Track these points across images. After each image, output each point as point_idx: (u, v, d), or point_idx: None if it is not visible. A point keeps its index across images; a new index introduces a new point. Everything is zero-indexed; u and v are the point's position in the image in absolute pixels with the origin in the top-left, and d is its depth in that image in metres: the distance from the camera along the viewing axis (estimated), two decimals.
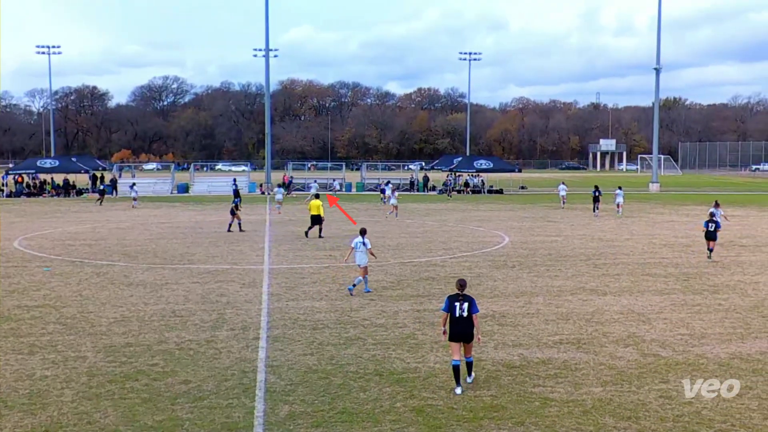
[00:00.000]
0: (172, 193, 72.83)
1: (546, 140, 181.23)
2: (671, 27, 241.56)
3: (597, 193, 47.48)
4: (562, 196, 54.12)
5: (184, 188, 74.03)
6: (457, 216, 45.92)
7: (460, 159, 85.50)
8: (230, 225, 36.14)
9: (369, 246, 20.46)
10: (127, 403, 11.71)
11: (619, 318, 17.69)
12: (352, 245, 20.63)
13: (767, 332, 16.36)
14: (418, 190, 75.81)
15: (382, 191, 59.46)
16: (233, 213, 36.43)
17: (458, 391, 12.31)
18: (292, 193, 67.86)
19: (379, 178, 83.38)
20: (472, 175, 76.27)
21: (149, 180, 69.99)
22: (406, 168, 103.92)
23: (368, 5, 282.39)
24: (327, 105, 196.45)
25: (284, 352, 14.60)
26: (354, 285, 20.56)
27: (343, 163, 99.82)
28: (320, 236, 33.29)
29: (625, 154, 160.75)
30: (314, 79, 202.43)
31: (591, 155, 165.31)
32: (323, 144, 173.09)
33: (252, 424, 10.94)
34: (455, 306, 12.46)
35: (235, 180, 67.80)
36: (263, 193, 72.60)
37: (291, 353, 14.54)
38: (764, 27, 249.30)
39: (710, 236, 27.34)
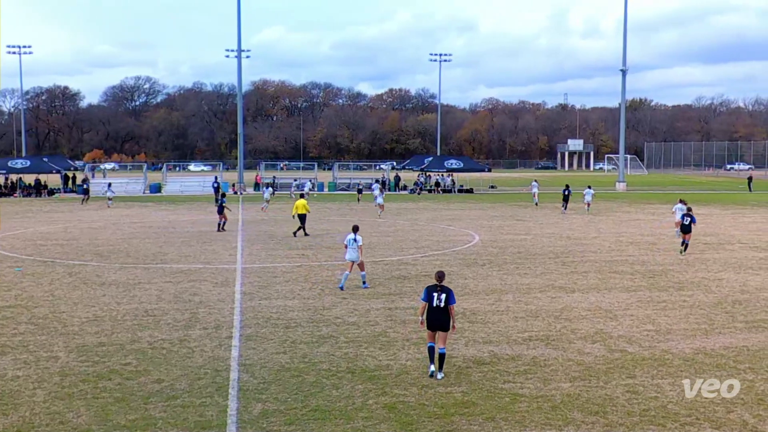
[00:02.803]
0: (144, 193, 72.32)
1: (515, 140, 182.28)
2: (637, 30, 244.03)
3: (567, 192, 48.19)
4: (534, 193, 55.42)
5: (156, 188, 73.57)
6: (428, 215, 46.16)
7: (430, 159, 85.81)
8: (219, 224, 36.14)
9: (360, 243, 20.91)
10: (99, 403, 11.73)
11: (587, 315, 17.98)
12: (345, 242, 21.11)
13: (730, 328, 16.73)
14: (389, 190, 75.99)
15: (359, 191, 61.35)
16: (221, 212, 36.30)
17: (432, 368, 13.01)
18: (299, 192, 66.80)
19: (350, 178, 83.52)
20: (442, 175, 76.59)
21: (122, 180, 69.48)
22: (377, 168, 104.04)
23: (340, 6, 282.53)
24: (299, 105, 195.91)
25: (257, 351, 14.68)
26: (341, 285, 20.94)
27: (315, 163, 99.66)
28: (305, 234, 33.61)
29: (592, 153, 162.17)
30: (286, 79, 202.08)
31: (559, 155, 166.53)
32: (295, 144, 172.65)
33: (225, 422, 11.00)
34: (433, 296, 13.04)
35: (216, 178, 67.61)
36: (236, 192, 72.33)
37: (264, 352, 14.63)
38: (727, 30, 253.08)
39: (685, 229, 28.08)
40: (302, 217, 33.84)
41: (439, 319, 13.00)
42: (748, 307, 18.93)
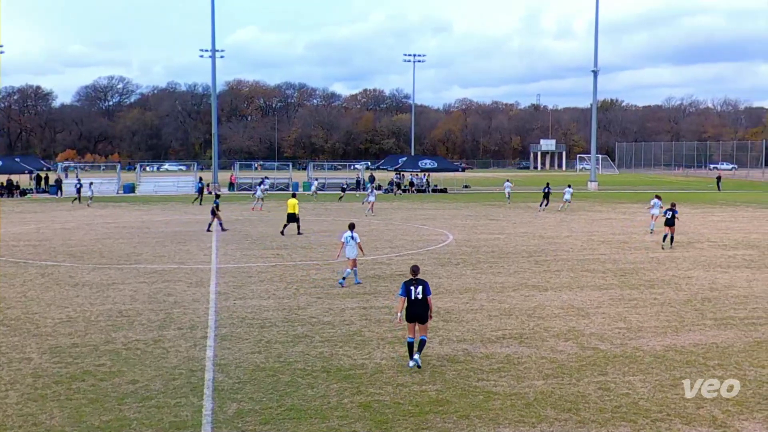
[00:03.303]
0: (118, 193, 71.73)
1: (489, 140, 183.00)
2: (608, 31, 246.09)
3: (547, 190, 49.02)
4: (507, 192, 56.78)
5: (130, 188, 73.01)
6: (402, 215, 46.26)
7: (405, 159, 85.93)
8: (210, 224, 35.96)
9: (358, 240, 21.52)
10: (73, 404, 11.68)
11: (560, 313, 18.16)
12: (342, 240, 21.62)
13: (700, 325, 16.99)
14: (364, 190, 75.91)
15: (342, 189, 63.56)
16: (214, 213, 36.15)
17: (411, 363, 13.47)
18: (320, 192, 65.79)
19: (325, 178, 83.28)
20: (417, 175, 76.70)
21: (95, 180, 68.67)
22: (352, 168, 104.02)
23: (314, 7, 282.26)
24: (273, 105, 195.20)
25: (232, 351, 14.68)
26: (344, 278, 21.55)
27: (290, 163, 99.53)
28: (299, 233, 33.99)
29: (564, 153, 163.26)
30: (260, 79, 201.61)
31: (532, 155, 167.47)
32: (270, 144, 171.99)
33: (200, 422, 11.00)
34: (411, 290, 13.60)
35: (201, 179, 67.22)
36: (210, 192, 71.89)
37: (239, 351, 14.64)
38: (696, 31, 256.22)
39: (669, 223, 29.63)
40: (290, 216, 34.20)
41: (418, 311, 13.54)
42: (717, 304, 19.22)
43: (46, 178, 73.69)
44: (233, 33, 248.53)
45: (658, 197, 36.32)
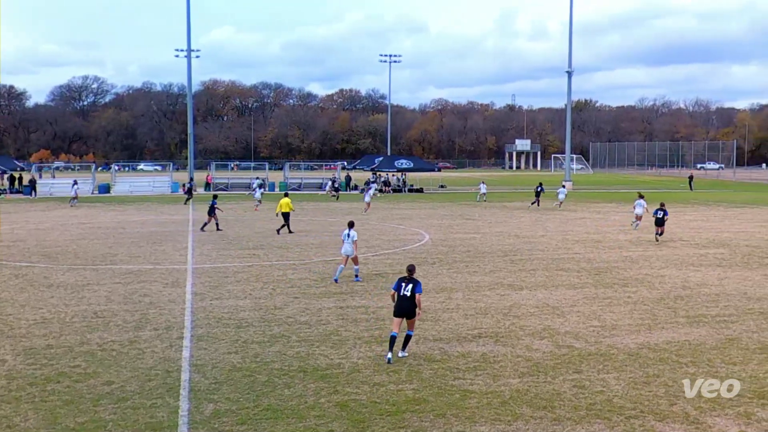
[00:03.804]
0: (93, 193, 71.08)
1: (464, 140, 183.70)
2: (582, 32, 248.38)
3: (540, 189, 50.92)
4: (482, 193, 58.05)
5: (105, 189, 72.40)
6: (378, 214, 46.28)
7: (381, 159, 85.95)
8: (206, 225, 35.87)
9: (355, 238, 21.92)
10: (48, 406, 11.59)
11: (535, 312, 18.29)
12: (341, 237, 22.23)
13: (673, 323, 17.18)
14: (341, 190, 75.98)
15: (336, 188, 64.83)
16: (211, 213, 35.95)
17: (389, 356, 13.97)
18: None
19: (301, 178, 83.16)
20: (395, 175, 76.73)
21: (68, 180, 68.09)
22: (328, 168, 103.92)
23: (290, 7, 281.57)
24: (249, 105, 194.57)
25: (208, 351, 14.64)
26: (336, 277, 22.08)
27: (266, 163, 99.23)
28: (290, 232, 34.40)
29: (539, 153, 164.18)
30: (236, 79, 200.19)
31: (507, 155, 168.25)
32: (246, 144, 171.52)
33: (176, 423, 10.96)
34: (401, 286, 14.26)
35: (191, 179, 66.93)
36: (186, 192, 71.46)
37: (215, 352, 14.60)
38: (668, 33, 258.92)
39: (659, 222, 31.60)
40: (286, 215, 34.60)
41: (404, 307, 14.14)
42: (690, 302, 19.45)
43: (20, 178, 72.94)
44: (209, 33, 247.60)
45: (641, 196, 37.16)
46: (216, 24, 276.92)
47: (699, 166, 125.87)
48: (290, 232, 34.53)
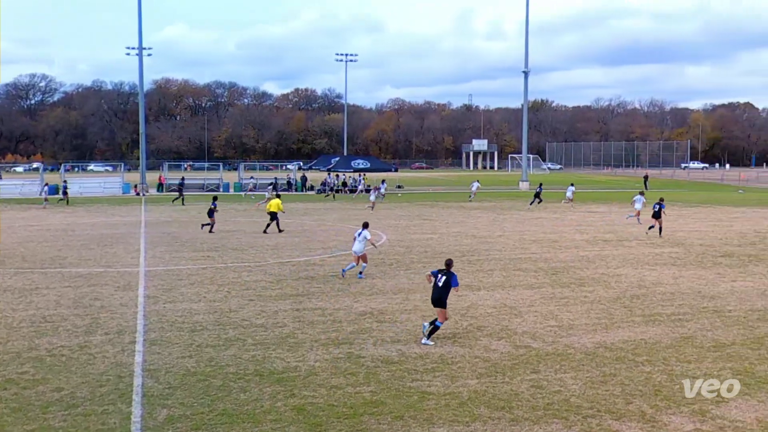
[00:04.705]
0: (41, 194, 69.51)
1: (421, 140, 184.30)
2: (539, 32, 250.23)
3: (539, 189, 53.40)
4: (473, 191, 61.55)
5: (53, 190, 70.91)
6: (335, 215, 46.13)
7: (337, 159, 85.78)
8: (211, 226, 35.54)
9: (369, 237, 22.97)
10: None
11: (493, 312, 18.30)
12: (355, 235, 23.07)
13: (629, 322, 17.32)
14: (296, 190, 75.59)
15: (332, 188, 66.71)
16: (211, 214, 35.47)
17: (424, 341, 15.17)
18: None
19: (256, 179, 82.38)
20: (359, 175, 76.40)
21: (16, 181, 66.68)
22: (284, 168, 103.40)
23: (244, 4, 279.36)
24: (203, 105, 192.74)
25: (162, 356, 14.37)
26: (344, 269, 23.17)
27: (221, 164, 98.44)
28: (279, 230, 35.05)
29: (496, 153, 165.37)
30: (190, 78, 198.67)
31: (464, 155, 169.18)
32: (200, 144, 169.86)
33: (129, 429, 10.74)
34: (438, 276, 15.53)
35: (183, 178, 66.12)
36: (138, 194, 70.58)
37: (169, 356, 14.33)
38: (624, 33, 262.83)
39: (656, 215, 33.56)
40: (273, 215, 35.10)
41: (436, 295, 15.39)
42: (645, 301, 19.63)
43: None
44: (161, 30, 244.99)
45: (641, 193, 40.40)
46: (169, 21, 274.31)
47: (684, 165, 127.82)
48: (279, 231, 35.05)
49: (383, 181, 63.69)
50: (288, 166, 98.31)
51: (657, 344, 15.34)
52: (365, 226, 23.31)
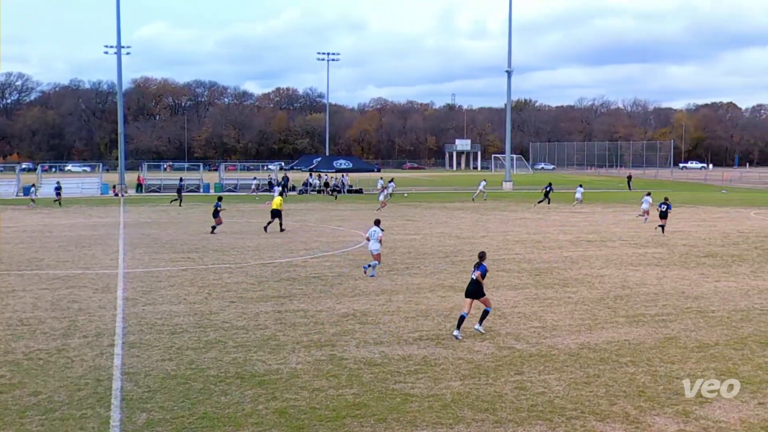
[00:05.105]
0: (17, 195, 68.98)
1: (404, 140, 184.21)
2: (522, 31, 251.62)
3: (548, 189, 54.04)
4: (481, 190, 62.41)
5: (28, 190, 70.12)
6: (317, 216, 45.96)
7: (319, 159, 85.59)
8: (214, 227, 35.35)
9: (380, 234, 23.51)
10: None
11: (476, 313, 18.12)
12: (368, 234, 23.64)
13: (612, 323, 17.29)
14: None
15: (336, 188, 66.52)
16: (216, 214, 35.23)
17: (455, 333, 15.77)
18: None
19: (237, 179, 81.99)
20: (333, 176, 76.28)
21: None
22: (265, 168, 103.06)
23: (225, 2, 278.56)
24: (183, 104, 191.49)
25: (141, 359, 14.17)
26: (369, 266, 23.46)
27: (201, 164, 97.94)
28: (281, 230, 35.68)
29: (479, 153, 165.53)
30: (169, 77, 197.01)
31: (447, 155, 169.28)
32: (179, 144, 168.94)
33: None
34: (472, 270, 16.10)
35: (181, 179, 65.68)
36: (116, 194, 70.02)
37: (148, 359, 14.14)
38: (607, 33, 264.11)
39: (663, 215, 34.74)
40: (275, 213, 35.85)
41: (471, 288, 16.01)
42: (629, 302, 19.62)
43: None
44: (140, 28, 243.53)
45: (648, 194, 42.13)
46: (148, 19, 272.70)
47: (681, 165, 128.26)
48: (281, 230, 35.60)
49: (391, 181, 63.41)
50: (269, 167, 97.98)
51: (641, 345, 15.32)
52: (377, 223, 24.11)
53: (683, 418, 11.29)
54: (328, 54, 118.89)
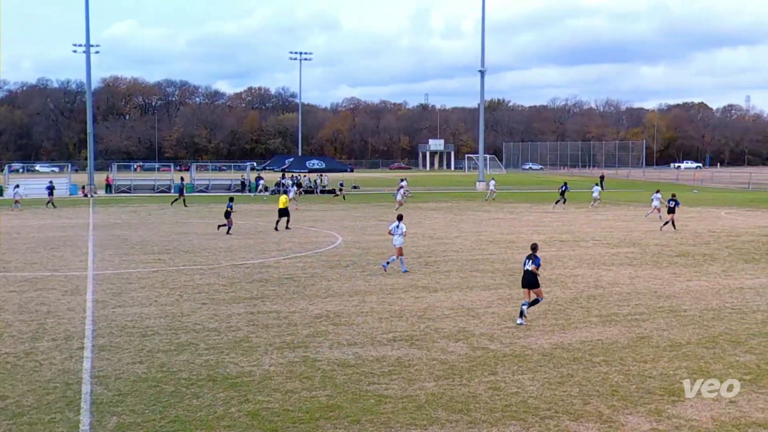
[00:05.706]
0: (13, 197, 67.79)
1: (377, 140, 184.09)
2: (496, 31, 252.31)
3: (564, 189, 52.77)
4: (491, 190, 62.77)
5: None
6: (291, 216, 45.60)
7: (292, 159, 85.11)
8: (229, 227, 35.19)
9: (404, 230, 24.06)
10: None
11: (450, 314, 18.18)
12: (390, 230, 24.28)
13: (586, 322, 17.34)
14: (250, 191, 74.81)
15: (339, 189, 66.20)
16: (228, 215, 35.08)
17: (519, 321, 16.93)
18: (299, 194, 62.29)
19: (209, 180, 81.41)
20: (306, 176, 75.88)
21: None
22: (237, 168, 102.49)
23: (196, 1, 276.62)
24: (153, 104, 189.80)
25: (111, 362, 13.97)
26: (387, 263, 24.17)
27: (171, 164, 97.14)
28: (287, 227, 36.85)
29: (453, 153, 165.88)
30: (139, 76, 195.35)
31: (420, 155, 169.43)
32: (150, 144, 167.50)
33: None
34: (526, 261, 17.31)
35: (182, 179, 65.05)
36: (86, 195, 69.25)
37: (119, 362, 13.94)
38: (580, 33, 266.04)
39: (671, 211, 36.53)
40: (282, 212, 36.81)
41: (526, 279, 17.11)
42: (602, 301, 19.70)
43: None
44: (110, 27, 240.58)
45: (658, 191, 43.28)
46: (117, 17, 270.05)
47: (676, 165, 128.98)
48: (287, 228, 36.77)
49: (402, 180, 62.86)
50: (241, 167, 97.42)
51: (614, 344, 15.37)
52: (400, 218, 24.71)
53: (656, 416, 11.32)
54: (301, 53, 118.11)
